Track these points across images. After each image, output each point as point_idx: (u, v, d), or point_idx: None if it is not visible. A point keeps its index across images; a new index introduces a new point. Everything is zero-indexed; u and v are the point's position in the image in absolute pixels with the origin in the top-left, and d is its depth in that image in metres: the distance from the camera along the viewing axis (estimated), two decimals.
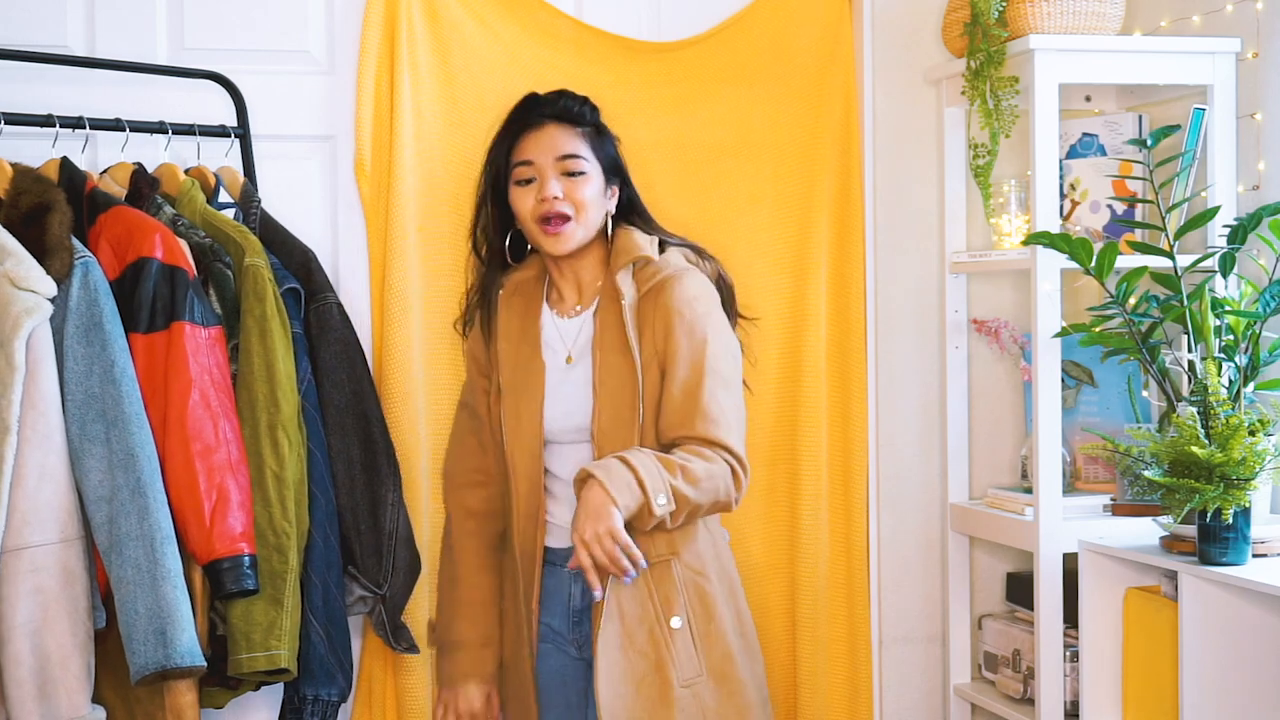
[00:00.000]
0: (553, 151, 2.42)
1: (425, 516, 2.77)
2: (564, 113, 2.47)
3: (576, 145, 2.44)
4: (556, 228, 2.40)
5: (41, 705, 2.16)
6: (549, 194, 2.39)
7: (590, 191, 2.43)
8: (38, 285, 2.19)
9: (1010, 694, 2.92)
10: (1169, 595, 2.52)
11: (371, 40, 2.80)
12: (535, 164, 2.43)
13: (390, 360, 2.78)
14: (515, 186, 2.46)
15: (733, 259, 2.87)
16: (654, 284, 2.40)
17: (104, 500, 2.21)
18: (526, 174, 2.44)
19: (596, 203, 2.44)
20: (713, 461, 2.31)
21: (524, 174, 2.44)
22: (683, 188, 2.92)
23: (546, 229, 2.41)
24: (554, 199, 2.39)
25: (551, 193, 2.39)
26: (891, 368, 3.06)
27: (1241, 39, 2.75)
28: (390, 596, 2.58)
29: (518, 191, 2.46)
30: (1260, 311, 2.48)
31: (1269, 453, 2.35)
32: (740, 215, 2.95)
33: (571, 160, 2.42)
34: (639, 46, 2.99)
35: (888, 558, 3.06)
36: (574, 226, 2.41)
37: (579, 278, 2.51)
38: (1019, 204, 2.93)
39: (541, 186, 2.41)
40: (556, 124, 2.46)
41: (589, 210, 2.42)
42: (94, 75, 2.65)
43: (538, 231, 2.43)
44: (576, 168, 2.42)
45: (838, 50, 3.02)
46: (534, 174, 2.43)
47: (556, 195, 2.40)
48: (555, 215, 2.40)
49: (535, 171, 2.43)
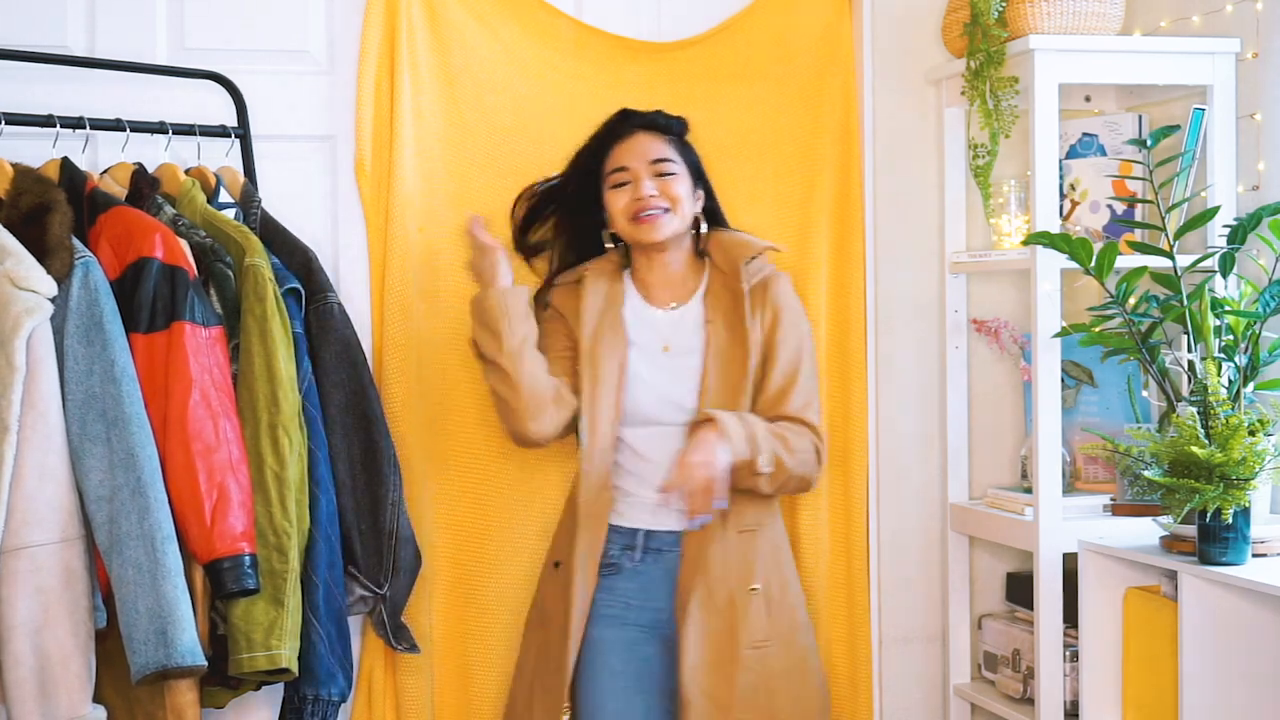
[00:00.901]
0: (645, 156, 2.61)
1: (425, 516, 2.77)
2: (652, 123, 2.66)
3: (666, 150, 2.63)
4: (652, 218, 2.58)
5: (42, 705, 2.16)
6: (644, 193, 2.59)
7: (682, 189, 2.62)
8: (38, 285, 2.19)
9: (1010, 694, 2.92)
10: (1169, 595, 2.52)
11: (371, 40, 2.80)
12: (630, 169, 2.61)
13: (390, 360, 2.78)
14: (611, 190, 2.63)
15: None
16: (761, 279, 2.64)
17: (104, 500, 2.21)
18: (622, 178, 2.62)
19: (688, 199, 2.63)
20: (804, 439, 2.55)
21: (620, 179, 2.62)
22: None
23: (641, 220, 2.59)
24: (649, 196, 2.59)
25: (647, 192, 2.59)
26: (891, 368, 3.06)
27: (1241, 39, 2.76)
28: (390, 596, 2.58)
29: (613, 194, 2.63)
30: (1260, 311, 2.48)
31: (1269, 453, 2.35)
32: (740, 215, 2.94)
33: (663, 163, 2.61)
34: (639, 46, 2.99)
35: (888, 558, 3.06)
36: (670, 217, 2.60)
37: (668, 274, 2.67)
38: (1019, 204, 2.93)
39: (636, 187, 2.60)
40: (646, 132, 2.64)
41: (682, 204, 2.61)
42: (94, 75, 2.65)
43: (631, 226, 2.61)
44: (667, 169, 2.61)
45: (838, 50, 3.02)
46: (629, 178, 2.61)
47: (652, 194, 2.59)
48: (651, 208, 2.58)
49: (630, 176, 2.61)
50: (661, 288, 2.66)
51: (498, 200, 2.87)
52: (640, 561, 2.58)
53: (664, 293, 2.66)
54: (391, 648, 2.64)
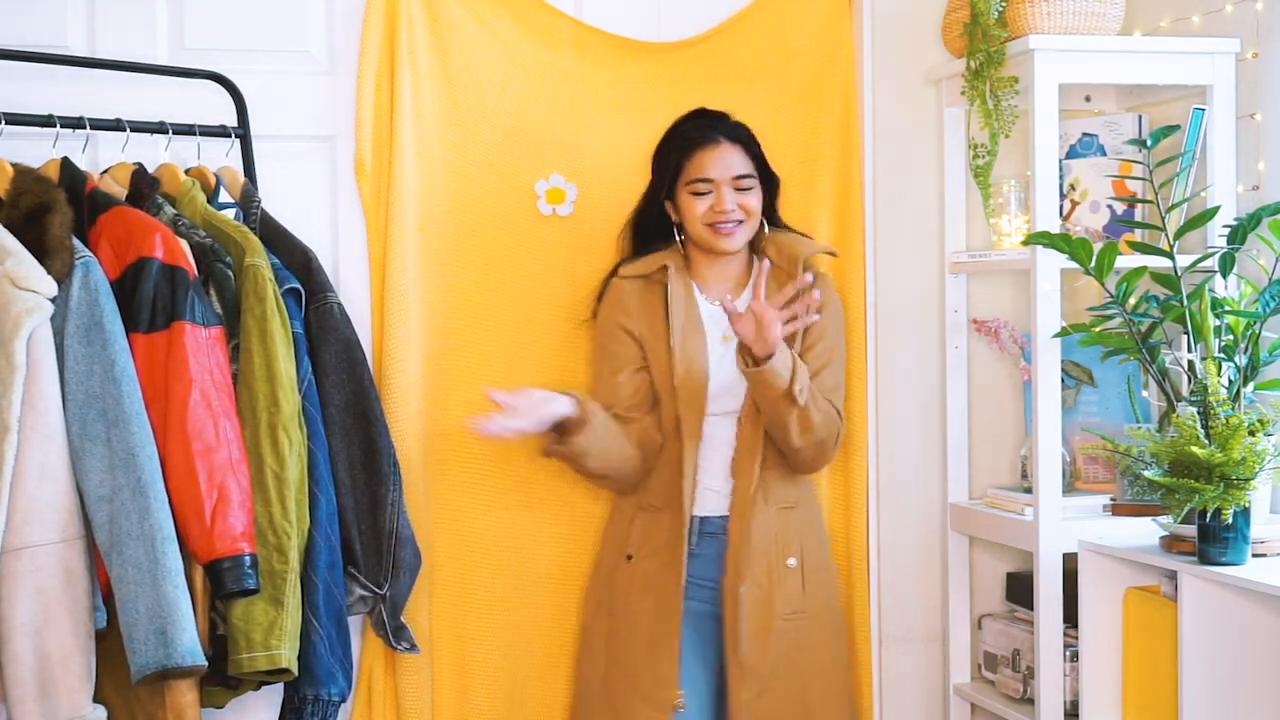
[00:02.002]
0: (729, 171, 2.68)
1: (425, 517, 2.77)
2: (738, 136, 2.71)
3: (746, 165, 2.70)
4: (731, 230, 2.68)
5: (42, 705, 2.16)
6: (726, 206, 2.67)
7: (756, 202, 2.71)
8: (38, 285, 2.19)
9: (1010, 694, 2.92)
10: (1169, 595, 2.52)
11: (371, 40, 2.80)
12: (714, 181, 2.67)
13: (390, 360, 2.78)
14: (690, 196, 2.69)
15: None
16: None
17: (105, 500, 2.21)
18: (703, 188, 2.68)
19: (759, 210, 2.72)
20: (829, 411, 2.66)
21: (701, 188, 2.68)
22: None
23: (720, 229, 2.68)
24: (730, 210, 2.67)
25: (728, 205, 2.67)
26: (891, 368, 3.06)
27: (1241, 39, 2.75)
28: (390, 596, 2.58)
29: (692, 200, 2.69)
30: (1260, 311, 2.48)
31: (1269, 453, 2.35)
32: None
33: (744, 179, 2.69)
34: (639, 46, 2.99)
35: (888, 558, 3.06)
36: (744, 229, 2.70)
37: (726, 271, 2.76)
38: (1019, 204, 2.93)
39: (719, 200, 2.67)
40: (731, 144, 2.70)
41: (755, 216, 2.71)
42: (94, 75, 2.65)
43: (709, 233, 2.69)
44: (747, 185, 2.69)
45: (838, 50, 3.02)
46: (710, 188, 2.68)
47: (732, 208, 2.67)
48: (731, 221, 2.67)
49: (712, 186, 2.67)
50: (717, 282, 2.75)
51: (498, 200, 2.87)
52: (698, 545, 2.68)
53: (719, 286, 2.75)
54: (391, 648, 2.64)
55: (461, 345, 2.85)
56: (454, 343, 2.84)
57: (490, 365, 2.85)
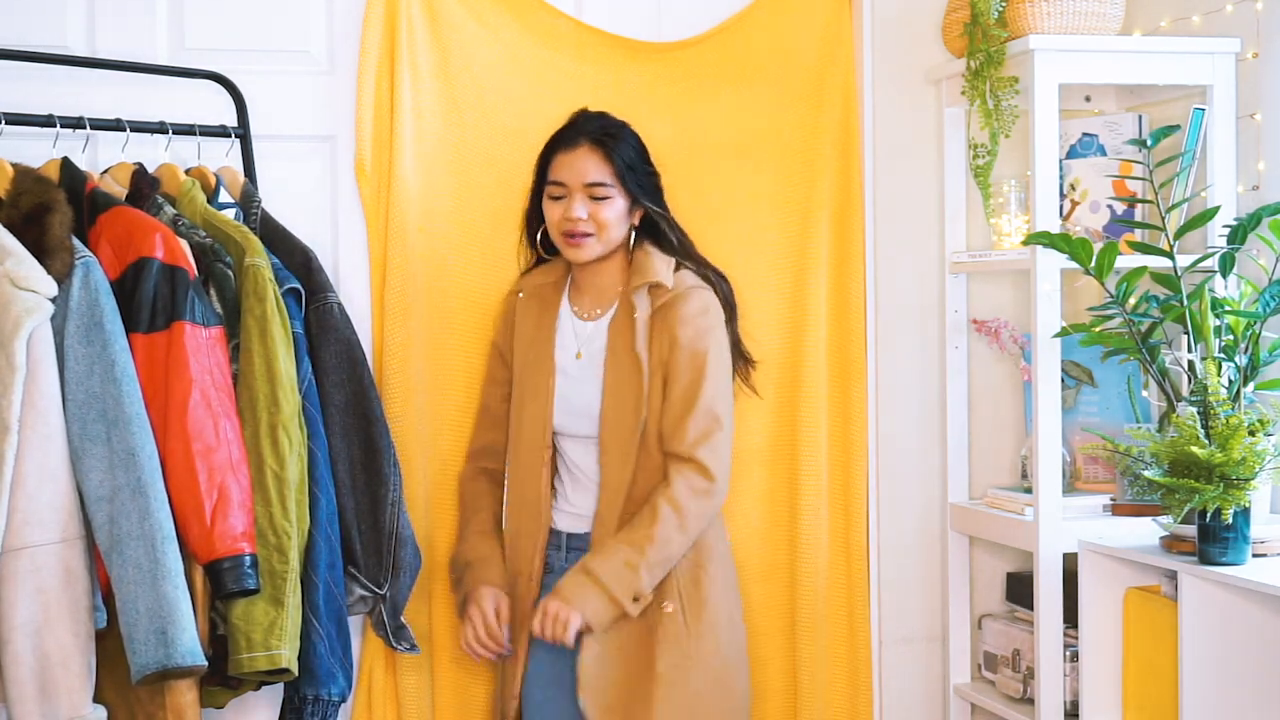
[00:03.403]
0: (581, 178, 2.57)
1: (425, 517, 2.77)
2: (598, 139, 2.59)
3: (603, 174, 2.57)
4: (579, 241, 2.58)
5: (42, 705, 2.16)
6: (574, 214, 2.56)
7: (612, 213, 2.58)
8: (38, 285, 2.19)
9: (1010, 694, 2.92)
10: (1169, 595, 2.52)
11: (371, 40, 2.80)
12: (566, 185, 2.58)
13: (390, 360, 2.78)
14: (548, 200, 2.61)
15: (733, 259, 2.88)
16: (664, 301, 2.58)
17: (105, 500, 2.21)
18: (558, 191, 2.59)
19: (618, 222, 2.59)
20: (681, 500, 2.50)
21: (555, 191, 2.59)
22: (683, 188, 2.91)
23: (569, 241, 2.58)
24: (578, 219, 2.57)
25: (576, 213, 2.56)
26: (891, 368, 3.06)
27: (1241, 39, 2.75)
28: (390, 596, 2.58)
29: (549, 205, 2.61)
30: (1260, 311, 2.48)
31: (1269, 453, 2.35)
32: (740, 215, 2.95)
33: (597, 187, 2.57)
34: (639, 47, 2.99)
35: (888, 558, 3.06)
36: (594, 241, 2.58)
37: (599, 283, 2.65)
38: (1019, 204, 2.93)
39: (569, 206, 2.57)
40: (590, 148, 2.58)
41: (610, 229, 2.58)
42: (94, 75, 2.65)
43: (563, 241, 2.60)
44: (602, 194, 2.57)
45: (838, 50, 3.02)
46: (564, 193, 2.58)
47: (581, 216, 2.56)
48: (578, 232, 2.57)
49: (564, 191, 2.58)
50: (591, 296, 2.66)
51: (498, 200, 2.87)
52: (566, 562, 2.60)
53: (591, 301, 2.66)
54: (391, 648, 2.64)
55: (461, 345, 2.84)
56: (454, 343, 2.84)
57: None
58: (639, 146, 2.63)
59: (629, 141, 2.62)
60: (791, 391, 2.97)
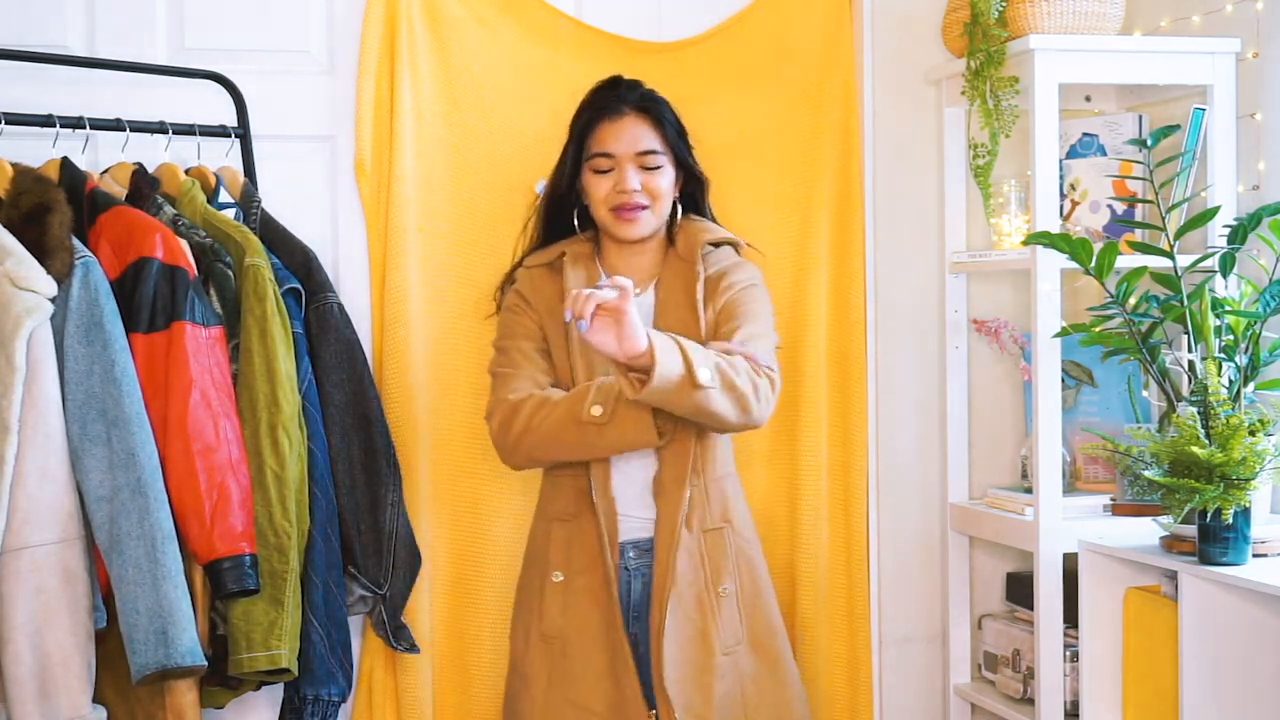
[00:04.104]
0: (633, 147, 2.47)
1: (425, 517, 2.77)
2: (644, 106, 2.50)
3: (654, 142, 2.48)
4: (634, 215, 2.46)
5: (42, 705, 2.16)
6: (628, 186, 2.45)
7: (665, 183, 2.49)
8: (38, 285, 2.19)
9: (1010, 694, 2.92)
10: (1169, 595, 2.52)
11: (371, 40, 2.80)
12: (615, 156, 2.47)
13: (390, 360, 2.78)
14: (592, 175, 2.50)
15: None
16: (720, 268, 2.50)
17: (105, 500, 2.21)
18: (605, 165, 2.48)
19: (669, 193, 2.51)
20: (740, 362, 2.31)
21: (602, 165, 2.48)
22: None
23: (622, 215, 2.47)
24: (633, 191, 2.46)
25: (630, 185, 2.45)
26: (891, 368, 3.06)
27: (1241, 39, 2.75)
28: (390, 596, 2.58)
29: (594, 179, 2.50)
30: (1260, 311, 2.48)
31: (1269, 453, 2.35)
32: (740, 215, 2.94)
33: (650, 155, 2.47)
34: (639, 46, 2.99)
35: (888, 558, 3.06)
36: (649, 215, 2.48)
37: (639, 262, 2.54)
38: (1019, 204, 2.93)
39: (620, 179, 2.46)
40: (638, 115, 2.50)
41: (664, 200, 2.49)
42: (94, 75, 2.65)
43: (611, 218, 2.48)
44: (654, 163, 2.48)
45: (838, 50, 3.02)
46: (612, 165, 2.48)
47: (635, 188, 2.46)
48: (633, 205, 2.46)
49: (614, 163, 2.48)
50: (626, 273, 2.50)
51: (497, 200, 2.87)
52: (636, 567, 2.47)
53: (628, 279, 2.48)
54: (391, 648, 2.64)
55: (461, 345, 2.84)
56: (454, 343, 2.84)
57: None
58: (676, 113, 2.56)
59: (670, 107, 2.54)
60: (792, 391, 2.97)
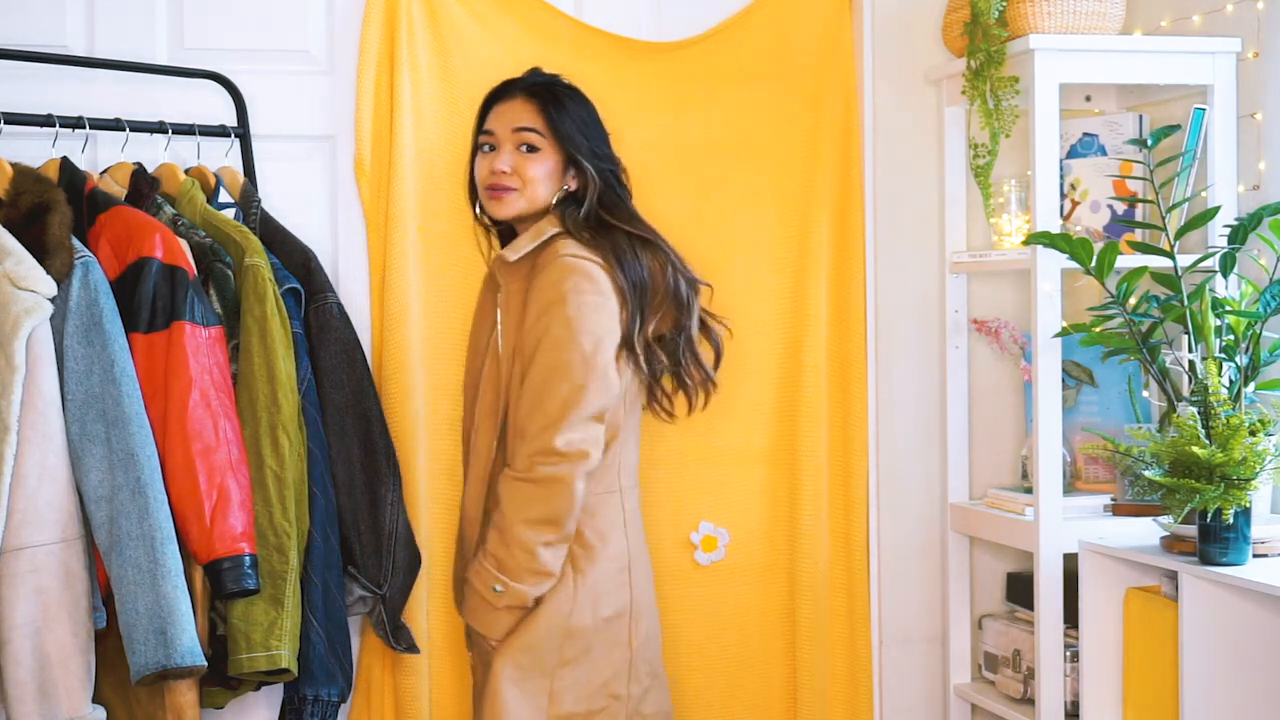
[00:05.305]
0: (510, 124, 2.48)
1: (425, 516, 2.77)
2: (536, 90, 2.52)
3: (534, 121, 2.48)
4: (499, 195, 2.48)
5: (42, 705, 2.16)
6: (499, 166, 2.47)
7: (540, 170, 2.48)
8: (38, 285, 2.19)
9: (1010, 694, 2.92)
10: (1169, 595, 2.52)
11: (371, 40, 2.80)
12: (496, 134, 2.50)
13: (390, 360, 2.78)
14: (479, 154, 2.54)
15: (733, 259, 2.88)
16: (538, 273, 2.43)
17: (104, 500, 2.21)
18: (488, 141, 2.51)
19: (545, 180, 2.49)
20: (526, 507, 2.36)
21: (485, 141, 2.51)
22: (682, 188, 2.92)
23: (491, 194, 2.50)
24: (502, 171, 2.47)
25: (500, 165, 2.47)
26: (891, 368, 3.05)
27: (1242, 39, 2.75)
28: (390, 596, 2.58)
29: (479, 159, 2.54)
30: (1260, 311, 2.48)
31: (1269, 453, 2.35)
32: (740, 215, 2.95)
33: (526, 133, 2.47)
34: (639, 46, 2.99)
35: (888, 558, 3.06)
36: (516, 196, 2.49)
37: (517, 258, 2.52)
38: (1019, 204, 2.93)
39: (496, 157, 2.49)
40: (525, 98, 2.52)
41: (535, 186, 2.48)
42: (94, 75, 2.65)
43: (485, 196, 2.52)
44: (531, 141, 2.47)
45: (838, 50, 3.02)
46: (494, 143, 2.50)
47: (504, 169, 2.47)
48: (501, 186, 2.48)
49: (495, 141, 2.50)
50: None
51: None
52: None
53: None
54: (391, 648, 2.64)
55: (461, 345, 2.84)
56: (454, 342, 2.84)
57: None
58: (585, 106, 2.53)
59: (573, 98, 2.53)
60: (792, 391, 2.97)
